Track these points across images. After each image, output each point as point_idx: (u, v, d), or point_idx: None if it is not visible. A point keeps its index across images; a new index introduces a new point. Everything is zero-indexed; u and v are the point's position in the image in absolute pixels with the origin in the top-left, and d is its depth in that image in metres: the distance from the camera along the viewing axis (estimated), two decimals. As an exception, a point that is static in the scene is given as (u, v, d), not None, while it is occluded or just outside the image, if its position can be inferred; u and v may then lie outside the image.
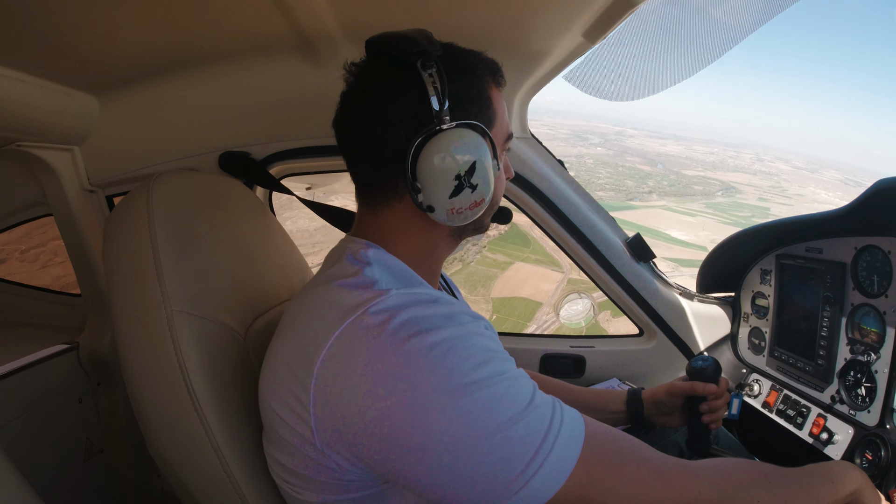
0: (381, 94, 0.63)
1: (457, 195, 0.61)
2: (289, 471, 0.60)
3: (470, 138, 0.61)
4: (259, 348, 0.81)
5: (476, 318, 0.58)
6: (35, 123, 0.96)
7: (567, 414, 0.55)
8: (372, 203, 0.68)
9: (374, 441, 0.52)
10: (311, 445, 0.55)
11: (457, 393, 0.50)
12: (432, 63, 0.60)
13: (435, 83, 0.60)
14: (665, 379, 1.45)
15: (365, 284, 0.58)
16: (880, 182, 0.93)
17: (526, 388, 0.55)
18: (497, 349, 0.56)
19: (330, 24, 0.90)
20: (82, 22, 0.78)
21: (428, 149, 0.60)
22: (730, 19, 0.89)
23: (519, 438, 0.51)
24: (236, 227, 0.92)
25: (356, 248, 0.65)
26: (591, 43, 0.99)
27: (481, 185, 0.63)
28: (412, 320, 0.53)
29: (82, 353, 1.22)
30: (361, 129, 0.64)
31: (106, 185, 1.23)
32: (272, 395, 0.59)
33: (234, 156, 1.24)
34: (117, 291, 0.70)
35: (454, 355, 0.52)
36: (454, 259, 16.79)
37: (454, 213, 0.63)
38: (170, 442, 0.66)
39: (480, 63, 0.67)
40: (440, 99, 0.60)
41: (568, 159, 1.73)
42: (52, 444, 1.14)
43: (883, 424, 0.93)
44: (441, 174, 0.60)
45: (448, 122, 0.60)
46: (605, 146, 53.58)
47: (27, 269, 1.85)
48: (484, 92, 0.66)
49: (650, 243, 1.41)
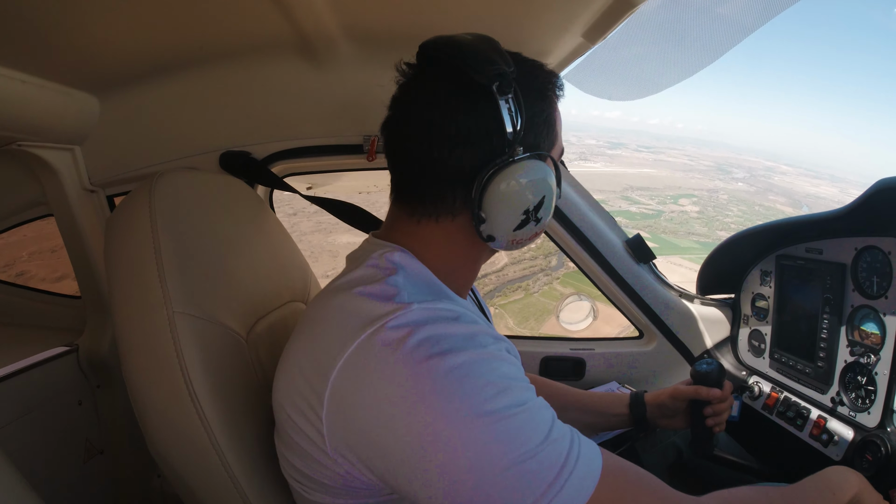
0: (450, 114, 0.58)
1: (521, 228, 0.60)
2: (300, 472, 0.60)
3: (542, 172, 0.59)
4: (261, 351, 0.81)
5: (498, 339, 0.56)
6: (35, 123, 0.96)
7: (584, 448, 0.53)
8: (416, 213, 0.63)
9: (383, 457, 0.51)
10: (322, 451, 0.55)
11: (472, 422, 0.48)
12: (510, 88, 0.56)
13: (511, 110, 0.56)
14: (665, 382, 1.45)
15: (387, 295, 0.55)
16: (881, 182, 0.93)
17: (544, 419, 0.52)
18: (517, 376, 0.54)
19: (330, 23, 0.90)
20: (83, 22, 0.78)
21: (499, 180, 0.57)
22: (730, 18, 0.89)
23: (532, 474, 0.49)
24: (239, 228, 0.92)
25: (383, 251, 0.63)
26: (591, 43, 0.99)
27: (545, 217, 0.61)
28: (432, 338, 0.51)
29: (82, 355, 1.22)
30: (422, 143, 0.59)
31: (106, 184, 1.23)
32: (286, 398, 0.58)
33: (235, 155, 1.24)
34: (118, 292, 0.70)
35: (473, 381, 0.50)
36: (517, 287, 16.48)
37: (514, 243, 0.61)
38: (171, 443, 0.66)
39: (550, 84, 0.63)
40: (515, 126, 0.56)
41: (699, 193, 1.67)
42: (53, 445, 1.14)
43: (883, 426, 0.93)
44: (511, 209, 0.58)
45: (521, 151, 0.57)
46: (748, 182, 51.48)
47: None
48: (552, 115, 0.63)
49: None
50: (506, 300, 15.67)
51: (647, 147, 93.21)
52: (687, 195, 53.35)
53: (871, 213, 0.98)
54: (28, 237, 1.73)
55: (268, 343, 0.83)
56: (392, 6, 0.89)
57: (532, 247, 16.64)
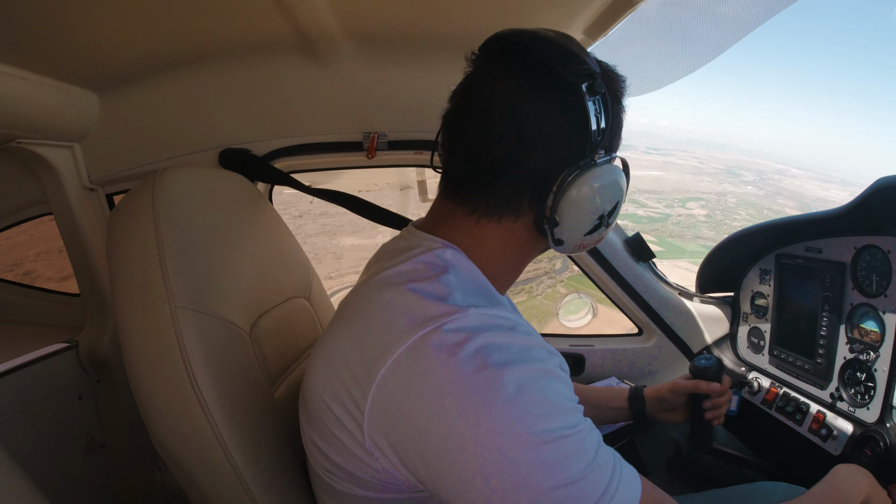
0: (531, 111, 0.55)
1: (592, 233, 0.58)
2: (330, 461, 0.58)
3: (617, 176, 0.57)
4: (264, 346, 0.81)
5: (552, 353, 0.54)
6: (35, 120, 0.96)
7: (625, 476, 0.52)
8: (477, 211, 0.60)
9: (424, 460, 0.50)
10: (359, 445, 0.54)
11: (522, 441, 0.47)
12: (602, 89, 0.54)
13: (597, 111, 0.54)
14: (664, 378, 1.45)
15: (441, 295, 0.53)
16: (880, 181, 0.93)
17: (591, 443, 0.51)
18: (570, 395, 0.53)
19: (329, 21, 0.90)
20: (82, 19, 0.78)
21: (579, 183, 0.55)
22: (730, 16, 0.90)
23: (573, 498, 0.48)
24: (241, 224, 0.92)
25: (433, 245, 0.60)
26: (592, 40, 0.99)
27: (614, 222, 0.60)
28: (489, 347, 0.49)
29: (82, 351, 1.22)
30: (496, 140, 0.56)
31: (106, 182, 1.23)
32: (325, 386, 0.56)
33: (235, 153, 1.24)
34: (121, 286, 0.70)
35: (527, 397, 0.48)
36: (520, 289, 16.43)
37: (580, 247, 0.60)
38: (174, 436, 0.66)
39: (622, 86, 0.62)
40: (599, 130, 0.54)
41: (707, 196, 1.65)
42: (53, 439, 1.15)
43: (882, 421, 0.93)
44: (587, 213, 0.56)
45: (602, 155, 0.55)
46: (758, 185, 51.15)
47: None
48: (622, 121, 0.61)
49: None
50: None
51: (657, 149, 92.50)
52: (695, 198, 53.08)
53: (870, 213, 0.98)
54: (35, 237, 1.73)
55: (270, 338, 0.84)
56: (392, 5, 0.89)
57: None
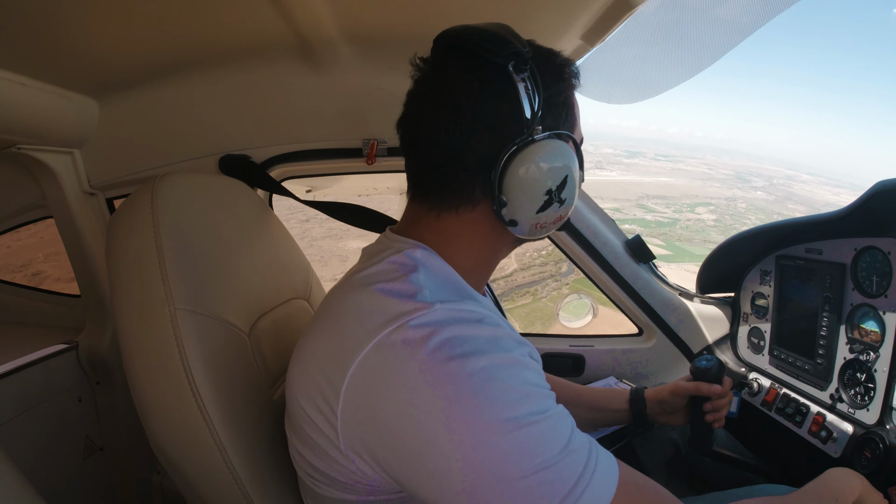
0: (467, 98, 0.57)
1: (544, 210, 0.58)
2: (311, 465, 0.59)
3: (563, 150, 0.58)
4: (263, 347, 0.81)
5: (521, 343, 0.55)
6: (35, 126, 0.97)
7: (602, 460, 0.52)
8: (436, 207, 0.62)
9: (398, 456, 0.50)
10: (335, 447, 0.54)
11: (492, 429, 0.47)
12: (527, 66, 0.55)
13: (528, 88, 0.55)
14: (664, 378, 1.45)
15: (408, 293, 0.54)
16: (880, 183, 0.93)
17: (564, 428, 0.51)
18: (539, 382, 0.53)
19: (329, 26, 0.91)
20: (82, 25, 0.78)
21: (519, 160, 0.56)
22: (728, 20, 0.90)
23: (549, 484, 0.48)
24: (240, 228, 0.92)
25: (403, 247, 0.61)
26: (590, 45, 0.99)
27: (569, 199, 0.60)
28: (454, 339, 0.50)
29: (81, 352, 1.22)
30: (439, 131, 0.58)
31: (106, 187, 1.23)
32: (301, 391, 0.57)
33: (234, 159, 1.24)
34: (120, 289, 0.70)
35: (495, 386, 0.48)
36: (525, 292, 16.17)
37: (538, 227, 0.60)
38: (173, 439, 0.66)
39: (566, 65, 0.62)
40: (533, 106, 0.55)
41: (716, 201, 1.62)
42: (52, 441, 1.15)
43: (882, 423, 0.93)
44: (532, 188, 0.57)
45: (540, 131, 0.56)
46: (768, 191, 50.73)
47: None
48: (570, 98, 0.62)
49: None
50: (513, 304, 15.68)
51: (666, 156, 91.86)
52: (704, 203, 52.66)
53: (870, 215, 0.98)
54: (45, 239, 1.73)
55: (270, 339, 0.84)
56: (391, 9, 0.89)
57: (543, 252, 16.46)
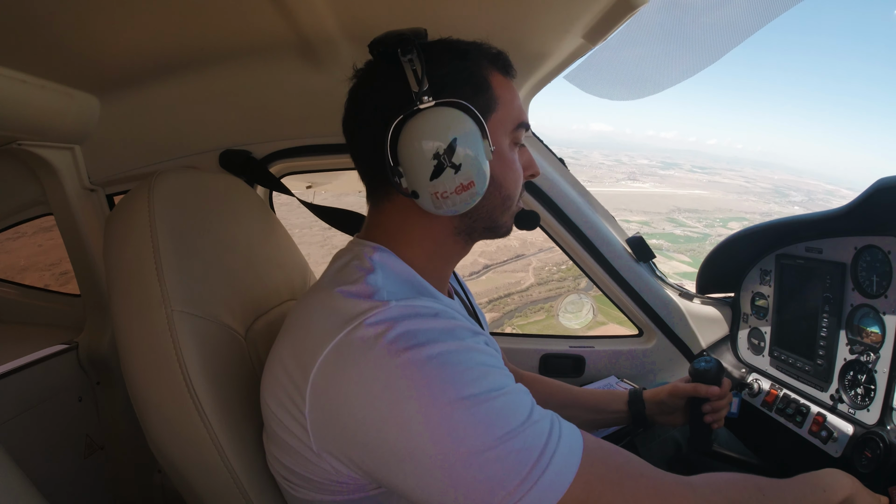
0: (369, 88, 0.65)
1: (438, 176, 0.59)
2: (287, 468, 0.60)
3: (449, 116, 0.60)
4: (260, 349, 0.81)
5: (476, 333, 0.57)
6: (36, 123, 0.97)
7: (566, 429, 0.54)
8: (374, 199, 0.68)
9: (368, 450, 0.52)
10: (308, 448, 0.56)
11: (453, 406, 0.49)
12: (411, 49, 0.60)
13: (414, 66, 0.59)
14: (664, 379, 1.45)
15: (365, 293, 0.57)
16: (880, 181, 0.93)
17: (524, 402, 0.54)
18: (496, 364, 0.55)
19: (330, 24, 0.90)
20: (83, 22, 0.78)
21: (405, 130, 0.59)
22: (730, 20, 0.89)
23: (516, 453, 0.50)
24: (238, 226, 0.92)
25: (363, 250, 0.65)
26: (592, 44, 0.99)
27: (466, 166, 0.60)
28: (409, 333, 0.52)
29: (82, 352, 1.22)
30: (361, 125, 0.65)
31: (106, 183, 1.23)
32: (270, 395, 0.59)
33: (235, 154, 1.24)
34: (118, 290, 0.70)
35: (451, 368, 0.51)
36: (539, 308, 15.95)
37: (439, 197, 0.60)
38: (170, 439, 0.67)
39: (476, 49, 0.66)
40: (418, 81, 0.59)
41: (751, 216, 1.52)
42: (53, 441, 1.15)
43: (883, 423, 0.93)
44: (419, 154, 0.59)
45: (427, 101, 0.59)
46: (806, 205, 49.54)
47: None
48: (478, 75, 0.64)
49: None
50: (525, 321, 15.62)
51: (703, 168, 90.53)
52: (737, 218, 51.65)
53: (870, 213, 0.98)
54: None
55: (267, 340, 0.83)
56: (392, 7, 0.89)
57: (563, 267, 15.99)
